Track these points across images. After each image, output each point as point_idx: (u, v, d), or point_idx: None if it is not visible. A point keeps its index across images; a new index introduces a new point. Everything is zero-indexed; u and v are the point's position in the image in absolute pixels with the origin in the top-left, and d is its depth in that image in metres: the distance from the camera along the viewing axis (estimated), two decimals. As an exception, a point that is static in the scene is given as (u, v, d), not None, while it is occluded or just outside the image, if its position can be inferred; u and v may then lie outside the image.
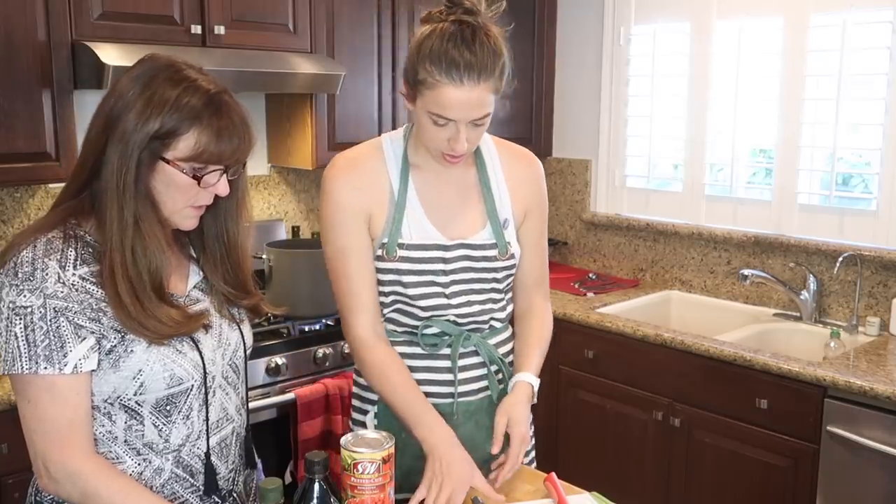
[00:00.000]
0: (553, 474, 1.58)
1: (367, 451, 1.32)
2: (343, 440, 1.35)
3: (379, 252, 1.59)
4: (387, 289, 1.62)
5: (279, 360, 2.55)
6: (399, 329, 1.66)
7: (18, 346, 1.21)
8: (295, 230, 3.22)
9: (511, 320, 1.77)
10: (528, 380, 1.64)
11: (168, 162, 1.23)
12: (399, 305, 1.63)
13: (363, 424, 1.72)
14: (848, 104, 2.89)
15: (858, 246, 2.85)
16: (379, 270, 1.61)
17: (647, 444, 2.86)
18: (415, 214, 1.60)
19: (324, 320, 2.75)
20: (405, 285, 1.60)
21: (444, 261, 1.60)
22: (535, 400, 1.67)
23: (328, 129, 2.99)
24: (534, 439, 1.80)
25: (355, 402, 1.76)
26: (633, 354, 2.87)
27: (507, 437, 1.57)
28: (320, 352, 2.65)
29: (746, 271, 3.00)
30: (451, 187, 1.64)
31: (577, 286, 3.40)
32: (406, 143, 1.63)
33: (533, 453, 1.80)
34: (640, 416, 2.86)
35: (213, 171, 1.27)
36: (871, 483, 2.31)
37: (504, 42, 1.48)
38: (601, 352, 2.97)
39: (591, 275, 3.59)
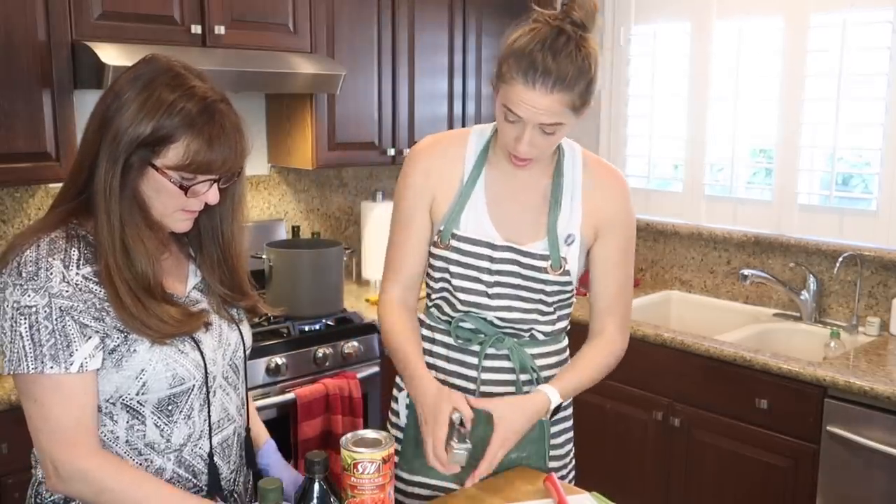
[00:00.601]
0: (553, 474, 1.58)
1: (367, 451, 1.32)
2: (343, 440, 1.35)
3: (435, 238, 1.63)
4: (437, 275, 1.65)
5: (279, 360, 2.55)
6: (442, 317, 1.69)
7: (24, 346, 1.20)
8: (295, 230, 3.22)
9: (563, 335, 1.74)
10: (548, 392, 1.58)
11: (157, 169, 1.23)
12: (445, 294, 1.65)
13: (396, 400, 1.77)
14: (848, 104, 2.89)
15: (858, 246, 2.85)
16: (432, 256, 1.64)
17: (647, 444, 2.86)
18: (476, 207, 1.62)
19: (324, 320, 2.75)
20: (451, 275, 1.62)
21: (491, 260, 1.60)
22: (548, 418, 1.62)
23: (328, 129, 2.99)
24: (574, 460, 1.80)
25: (397, 379, 1.78)
26: (633, 354, 2.85)
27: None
28: (320, 352, 2.65)
29: (746, 271, 3.01)
30: (521, 191, 1.63)
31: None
32: (491, 137, 1.65)
33: (573, 474, 1.79)
34: (640, 416, 2.86)
35: (203, 181, 1.26)
36: (871, 483, 2.31)
37: (598, 64, 1.48)
38: (601, 352, 2.96)
39: (591, 275, 3.59)
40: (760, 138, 3.19)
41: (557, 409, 1.61)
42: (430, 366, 1.66)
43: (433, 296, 1.69)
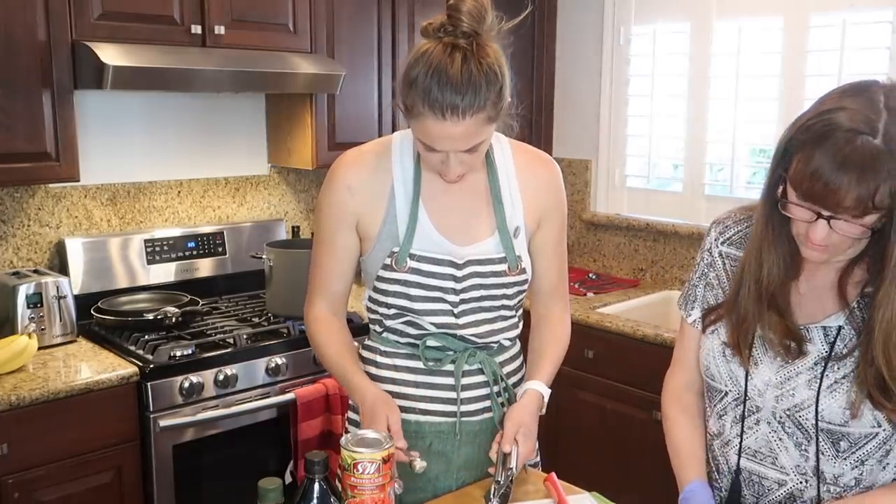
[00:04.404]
0: (553, 474, 1.58)
1: (367, 451, 1.32)
2: (343, 440, 1.35)
3: (388, 261, 1.55)
4: (390, 300, 1.58)
5: (279, 360, 2.55)
6: (402, 340, 1.62)
7: None
8: (295, 230, 3.22)
9: (519, 337, 1.72)
10: (539, 389, 1.59)
11: (786, 178, 1.21)
12: (406, 318, 1.59)
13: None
14: (848, 104, 2.88)
15: (858, 246, 2.85)
16: (383, 280, 1.57)
17: (647, 444, 2.86)
18: (421, 222, 1.55)
19: (324, 320, 2.75)
20: (412, 299, 1.56)
21: (456, 279, 1.55)
22: (544, 411, 1.63)
23: (328, 130, 2.99)
24: (537, 444, 1.79)
25: (351, 415, 1.73)
26: (633, 354, 2.87)
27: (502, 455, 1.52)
28: (320, 352, 2.65)
29: (746, 271, 3.00)
30: (459, 193, 1.58)
31: (577, 286, 3.40)
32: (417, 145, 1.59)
33: (538, 458, 1.78)
34: (640, 415, 2.86)
35: (802, 206, 1.18)
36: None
37: (503, 65, 1.40)
38: (601, 352, 2.97)
39: (591, 275, 3.59)
40: (760, 138, 3.19)
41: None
42: (396, 395, 1.60)
43: (387, 322, 1.61)
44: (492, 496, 1.47)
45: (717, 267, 1.46)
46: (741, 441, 1.40)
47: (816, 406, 1.30)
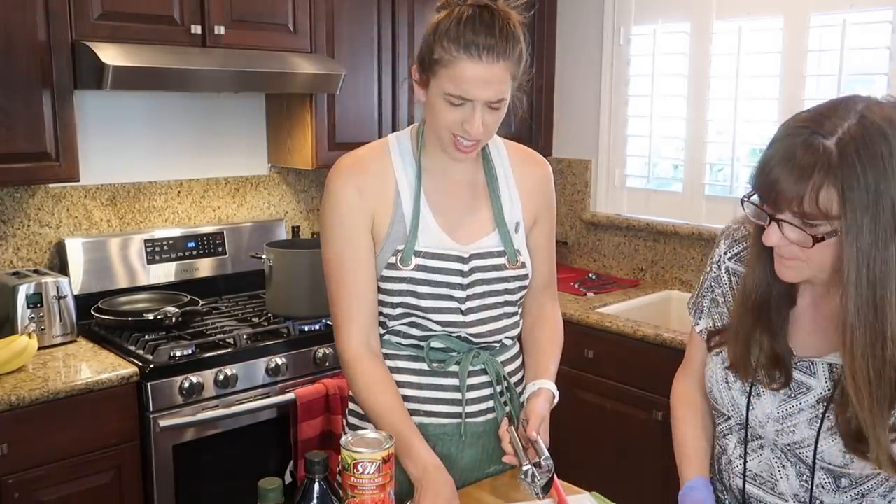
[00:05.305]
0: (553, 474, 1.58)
1: (367, 451, 1.31)
2: (343, 440, 1.34)
3: (392, 260, 1.53)
4: (395, 299, 1.55)
5: (279, 360, 2.55)
6: (405, 342, 1.60)
7: None
8: (295, 230, 3.22)
9: (517, 337, 1.72)
10: (551, 388, 1.59)
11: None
12: (412, 318, 1.57)
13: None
14: (848, 104, 2.88)
15: (858, 246, 2.84)
16: (388, 279, 1.54)
17: (647, 444, 2.86)
18: (425, 219, 1.55)
19: (324, 320, 2.74)
20: (418, 296, 1.54)
21: (462, 273, 1.55)
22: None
23: (328, 129, 2.99)
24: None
25: (351, 420, 1.71)
26: (633, 354, 2.87)
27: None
28: (320, 352, 2.65)
29: (746, 271, 3.00)
30: (459, 191, 1.59)
31: (577, 286, 3.40)
32: (416, 144, 1.58)
33: None
34: (640, 415, 2.86)
35: (757, 206, 1.24)
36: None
37: (523, 30, 1.46)
38: (601, 352, 2.97)
39: (591, 275, 3.59)
40: (760, 138, 3.19)
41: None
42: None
43: (391, 323, 1.58)
44: (532, 481, 1.43)
45: (724, 283, 1.44)
46: (745, 464, 1.38)
47: (816, 446, 1.27)
